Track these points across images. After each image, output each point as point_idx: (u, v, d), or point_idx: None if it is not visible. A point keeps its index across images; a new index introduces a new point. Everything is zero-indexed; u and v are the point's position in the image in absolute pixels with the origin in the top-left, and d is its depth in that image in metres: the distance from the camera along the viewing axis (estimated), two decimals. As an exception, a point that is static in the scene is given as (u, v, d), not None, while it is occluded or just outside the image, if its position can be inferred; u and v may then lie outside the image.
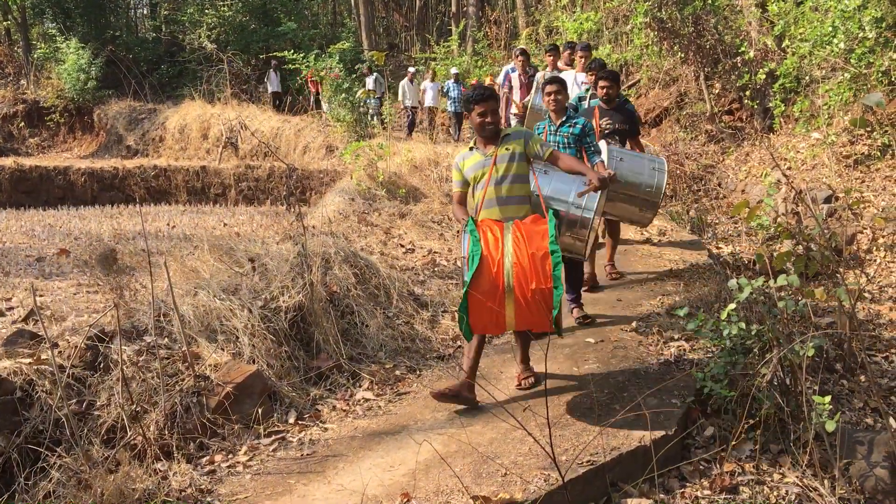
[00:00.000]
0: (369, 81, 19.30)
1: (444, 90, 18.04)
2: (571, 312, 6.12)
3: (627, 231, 8.80)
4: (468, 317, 4.23)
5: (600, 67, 7.79)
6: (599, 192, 5.01)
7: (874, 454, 4.06)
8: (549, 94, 6.23)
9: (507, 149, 4.77)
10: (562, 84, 6.30)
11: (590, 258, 7.21)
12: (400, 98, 19.42)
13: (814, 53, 10.96)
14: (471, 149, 4.92)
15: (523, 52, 10.98)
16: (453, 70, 18.77)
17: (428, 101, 18.76)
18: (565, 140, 6.12)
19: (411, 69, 20.19)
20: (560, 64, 9.91)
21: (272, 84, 21.94)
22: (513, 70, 10.81)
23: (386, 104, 18.46)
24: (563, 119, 6.15)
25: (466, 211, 4.83)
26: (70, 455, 4.07)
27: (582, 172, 4.87)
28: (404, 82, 19.24)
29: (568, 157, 5.01)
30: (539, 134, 6.13)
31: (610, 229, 7.51)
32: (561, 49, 10.20)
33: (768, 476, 4.11)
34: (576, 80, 8.97)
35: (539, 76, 9.67)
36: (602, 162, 5.97)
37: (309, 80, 19.60)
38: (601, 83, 7.06)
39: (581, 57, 9.30)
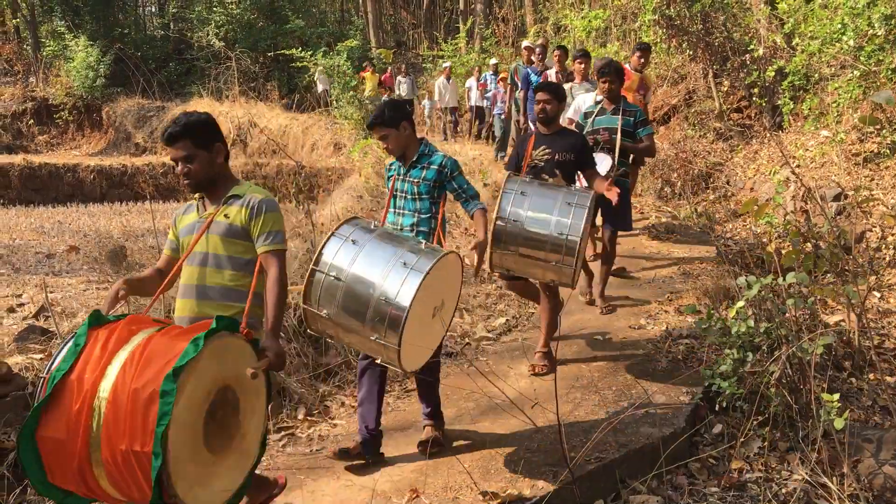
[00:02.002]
0: (403, 85, 18.87)
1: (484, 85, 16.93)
2: (423, 430, 4.32)
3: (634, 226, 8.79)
4: (41, 465, 2.58)
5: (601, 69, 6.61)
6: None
7: (883, 452, 4.06)
8: (537, 102, 5.28)
9: (225, 215, 3.23)
10: (553, 92, 5.26)
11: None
12: (436, 98, 18.37)
13: (823, 51, 10.90)
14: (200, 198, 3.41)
15: (561, 48, 10.02)
16: (493, 61, 17.67)
17: (473, 99, 17.33)
18: (414, 189, 4.23)
19: (446, 65, 18.98)
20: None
21: (322, 83, 20.75)
22: (536, 72, 10.16)
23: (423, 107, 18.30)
24: (415, 158, 4.27)
25: (145, 285, 3.36)
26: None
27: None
28: (440, 81, 18.20)
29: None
30: (389, 178, 4.44)
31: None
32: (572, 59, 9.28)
33: (777, 473, 4.11)
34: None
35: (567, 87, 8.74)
36: (481, 209, 4.26)
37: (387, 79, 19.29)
38: (539, 97, 5.28)
39: (580, 63, 8.72)
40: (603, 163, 5.87)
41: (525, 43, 12.09)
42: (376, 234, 3.77)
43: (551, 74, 9.48)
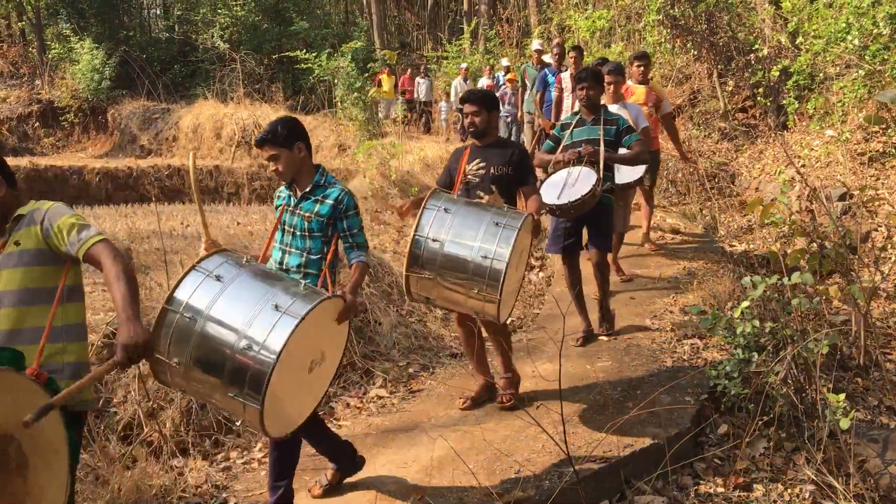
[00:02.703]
0: (422, 87, 18.50)
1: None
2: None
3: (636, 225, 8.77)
4: None
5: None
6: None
7: (889, 452, 4.06)
8: (465, 115, 4.73)
9: (16, 243, 2.76)
10: (480, 102, 4.60)
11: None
12: (452, 98, 17.51)
13: (828, 50, 10.88)
14: None
15: (577, 49, 9.45)
16: (504, 62, 17.18)
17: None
18: (305, 225, 3.72)
19: (463, 65, 18.37)
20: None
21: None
22: (553, 72, 9.66)
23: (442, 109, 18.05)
24: (309, 188, 3.75)
25: None
26: (87, 451, 4.12)
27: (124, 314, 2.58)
28: (457, 81, 17.42)
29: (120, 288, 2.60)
30: (277, 207, 3.92)
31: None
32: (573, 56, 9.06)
33: (782, 474, 4.11)
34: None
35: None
36: (363, 262, 3.72)
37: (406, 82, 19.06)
38: (466, 108, 4.71)
39: (571, 58, 8.82)
40: (587, 178, 5.30)
41: (535, 45, 11.80)
42: (247, 270, 3.22)
43: (566, 77, 8.94)
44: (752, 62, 13.42)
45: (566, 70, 9.32)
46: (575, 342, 5.70)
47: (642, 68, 7.87)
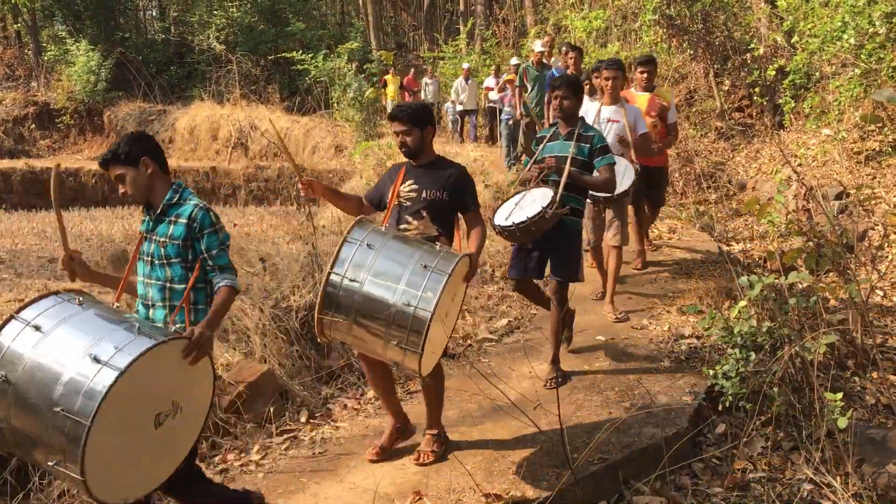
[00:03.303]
0: (430, 87, 18.30)
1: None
2: None
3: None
4: None
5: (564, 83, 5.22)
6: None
7: (887, 451, 4.05)
8: (395, 134, 4.17)
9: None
10: (409, 120, 4.04)
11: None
12: (453, 98, 17.58)
13: (824, 49, 10.90)
14: None
15: (577, 49, 9.22)
16: (514, 61, 16.45)
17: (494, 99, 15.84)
18: (161, 252, 3.32)
19: (466, 65, 18.12)
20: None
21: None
22: (561, 72, 9.29)
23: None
24: (160, 209, 3.37)
25: None
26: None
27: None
28: (458, 82, 17.29)
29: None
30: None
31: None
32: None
33: (780, 473, 4.10)
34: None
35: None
36: (229, 285, 3.26)
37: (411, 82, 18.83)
38: (394, 127, 4.14)
39: (571, 59, 8.61)
40: (541, 199, 4.71)
41: (537, 46, 11.54)
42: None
43: None
44: (749, 61, 13.45)
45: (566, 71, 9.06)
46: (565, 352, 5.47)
47: (646, 74, 7.11)
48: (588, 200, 5.69)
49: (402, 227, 4.01)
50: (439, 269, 3.44)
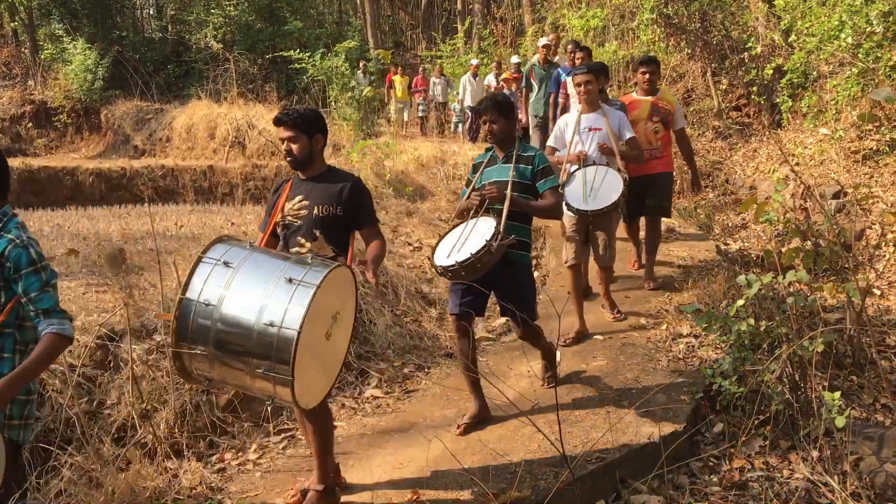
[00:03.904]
0: (438, 87, 17.84)
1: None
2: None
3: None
4: None
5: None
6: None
7: (884, 450, 4.05)
8: (280, 140, 3.81)
9: None
10: (298, 125, 3.71)
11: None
12: (460, 96, 16.99)
13: (821, 48, 10.91)
14: None
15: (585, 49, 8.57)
16: (514, 59, 16.25)
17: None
18: None
19: (474, 62, 17.51)
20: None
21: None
22: (567, 72, 8.71)
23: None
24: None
25: None
26: (81, 454, 4.09)
27: None
28: (466, 78, 16.75)
29: None
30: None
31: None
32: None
33: (778, 472, 4.10)
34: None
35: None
36: (56, 332, 2.91)
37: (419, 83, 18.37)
38: (281, 133, 3.76)
39: (579, 58, 7.98)
40: (484, 231, 4.24)
41: (542, 41, 10.99)
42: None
43: (570, 82, 8.12)
44: (746, 60, 13.46)
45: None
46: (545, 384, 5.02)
47: (648, 76, 6.65)
48: (570, 214, 5.56)
49: (294, 249, 3.58)
50: (307, 281, 3.00)
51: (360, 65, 18.18)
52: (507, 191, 4.37)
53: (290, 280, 3.01)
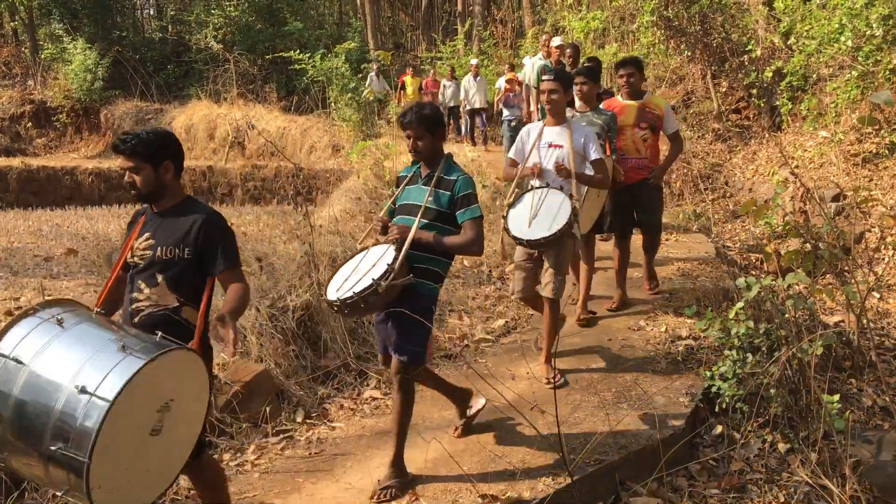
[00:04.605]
0: (448, 90, 17.07)
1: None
2: None
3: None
4: None
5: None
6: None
7: (884, 453, 4.05)
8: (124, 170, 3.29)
9: None
10: (141, 152, 3.18)
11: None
12: (462, 97, 16.53)
13: (821, 51, 10.92)
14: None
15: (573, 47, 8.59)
16: (527, 60, 15.47)
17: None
18: None
19: (473, 61, 17.07)
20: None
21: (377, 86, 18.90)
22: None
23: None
24: None
25: None
26: (79, 454, 4.08)
27: None
28: (467, 80, 16.23)
29: None
30: None
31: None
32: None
33: (777, 475, 4.10)
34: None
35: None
36: None
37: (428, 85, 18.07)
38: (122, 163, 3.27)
39: (569, 57, 8.15)
40: (382, 262, 3.75)
41: (555, 42, 10.36)
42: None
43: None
44: (746, 63, 13.46)
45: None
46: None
47: (626, 78, 6.19)
48: (522, 241, 4.80)
49: (133, 295, 3.14)
50: (141, 351, 2.58)
51: (375, 67, 18.04)
52: (410, 233, 3.78)
53: (125, 347, 2.56)
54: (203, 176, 18.74)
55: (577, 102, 6.08)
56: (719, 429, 4.49)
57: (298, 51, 18.00)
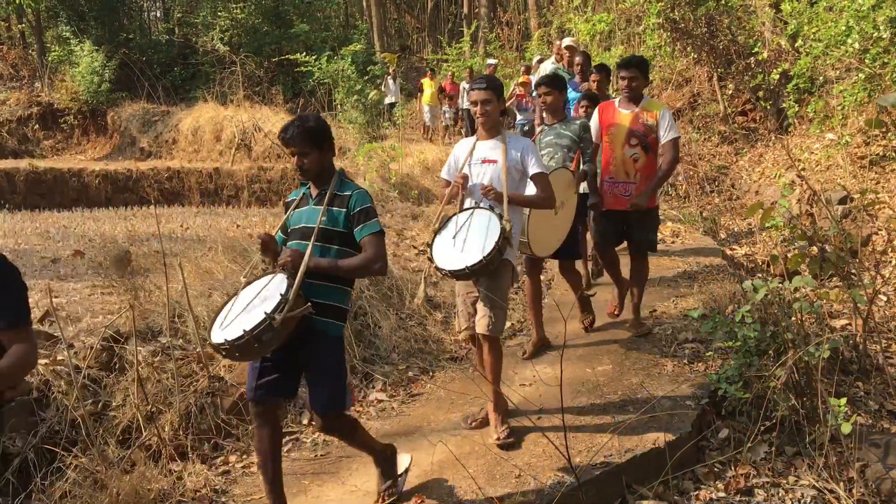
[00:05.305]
0: (467, 94, 16.31)
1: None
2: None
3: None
4: None
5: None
6: None
7: (891, 457, 4.04)
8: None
9: None
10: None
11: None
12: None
13: (828, 53, 10.89)
14: None
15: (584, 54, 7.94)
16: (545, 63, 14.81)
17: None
18: None
19: (491, 61, 16.67)
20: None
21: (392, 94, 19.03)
22: (574, 87, 7.67)
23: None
24: None
25: None
26: (86, 455, 4.10)
27: None
28: None
29: None
30: None
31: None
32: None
33: (784, 478, 4.09)
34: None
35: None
36: None
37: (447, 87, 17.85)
38: None
39: (578, 65, 7.54)
40: (275, 293, 3.35)
41: (566, 41, 9.51)
42: None
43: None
44: (752, 65, 13.44)
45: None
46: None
47: (627, 82, 5.41)
48: (446, 272, 4.11)
49: None
50: None
51: (391, 71, 17.91)
52: (305, 257, 3.41)
53: None
54: (209, 178, 18.77)
55: (545, 115, 5.68)
56: (725, 432, 4.48)
57: (305, 53, 18.03)
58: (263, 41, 24.01)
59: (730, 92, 14.00)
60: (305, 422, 4.95)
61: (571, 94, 7.41)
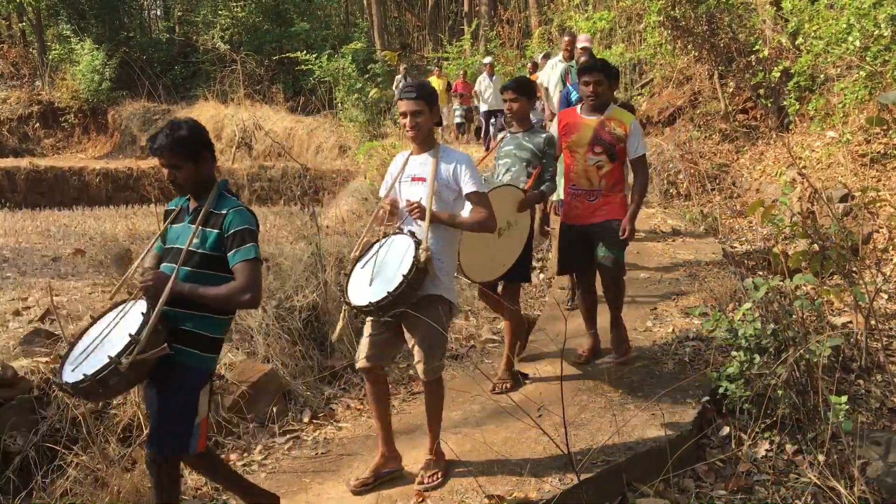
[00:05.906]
0: (488, 90, 15.28)
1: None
2: None
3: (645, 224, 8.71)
4: None
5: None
6: None
7: (892, 454, 4.03)
8: None
9: None
10: None
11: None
12: (475, 100, 15.92)
13: (828, 51, 10.86)
14: None
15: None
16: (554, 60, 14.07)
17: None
18: None
19: (486, 60, 16.12)
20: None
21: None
22: (575, 87, 7.36)
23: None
24: None
25: None
26: (87, 453, 4.11)
27: None
28: (481, 79, 15.39)
29: None
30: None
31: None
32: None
33: (784, 476, 4.09)
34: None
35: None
36: None
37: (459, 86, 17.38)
38: None
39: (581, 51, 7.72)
40: (130, 329, 3.00)
41: (582, 42, 8.88)
42: None
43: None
44: (753, 63, 13.42)
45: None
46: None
47: (591, 87, 4.91)
48: (354, 306, 3.67)
49: None
50: None
51: (402, 69, 17.75)
52: (167, 285, 3.05)
53: None
54: (210, 176, 18.81)
55: (514, 122, 5.26)
56: (726, 430, 4.48)
57: (305, 51, 18.05)
58: (264, 39, 24.02)
59: (730, 90, 13.98)
60: (306, 420, 4.95)
61: (574, 96, 7.29)
